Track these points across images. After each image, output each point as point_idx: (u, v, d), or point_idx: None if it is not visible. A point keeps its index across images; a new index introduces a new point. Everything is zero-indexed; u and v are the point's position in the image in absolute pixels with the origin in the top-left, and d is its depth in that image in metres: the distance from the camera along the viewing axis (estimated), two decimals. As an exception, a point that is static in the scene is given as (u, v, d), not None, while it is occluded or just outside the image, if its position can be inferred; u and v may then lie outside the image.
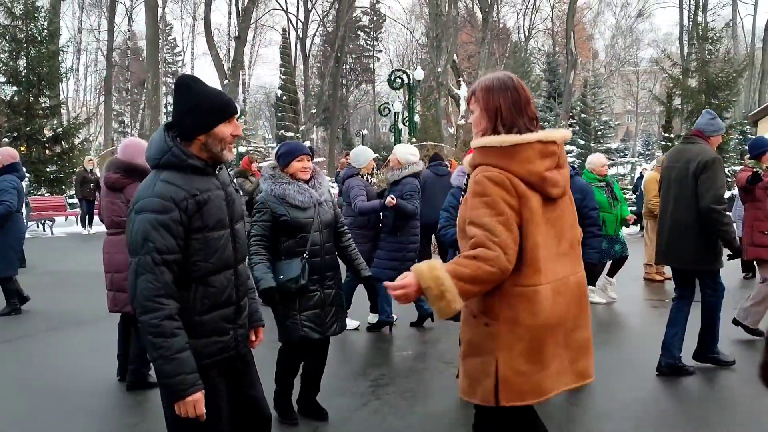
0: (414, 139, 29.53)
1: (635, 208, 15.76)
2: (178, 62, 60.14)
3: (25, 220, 10.80)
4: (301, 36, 49.51)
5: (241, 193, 9.52)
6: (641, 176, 17.43)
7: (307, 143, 27.44)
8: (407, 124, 31.67)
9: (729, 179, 17.92)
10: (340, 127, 54.00)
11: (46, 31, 24.21)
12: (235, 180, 11.48)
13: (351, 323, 7.18)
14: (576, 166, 10.95)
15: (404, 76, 31.79)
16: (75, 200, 18.58)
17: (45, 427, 4.70)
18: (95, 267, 11.67)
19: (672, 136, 26.41)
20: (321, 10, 49.78)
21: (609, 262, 8.66)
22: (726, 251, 5.55)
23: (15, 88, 23.38)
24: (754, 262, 6.75)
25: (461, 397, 2.81)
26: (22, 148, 22.37)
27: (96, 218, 18.77)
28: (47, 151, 23.51)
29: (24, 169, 8.68)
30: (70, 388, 5.49)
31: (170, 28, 56.50)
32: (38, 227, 18.47)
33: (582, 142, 23.54)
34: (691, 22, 37.45)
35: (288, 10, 49.16)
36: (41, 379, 5.76)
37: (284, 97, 30.06)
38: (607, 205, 8.30)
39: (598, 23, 58.06)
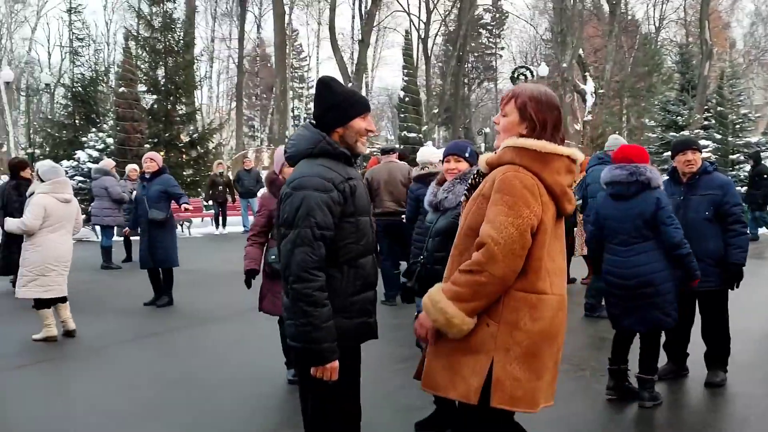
0: (538, 137, 29.02)
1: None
2: (304, 67, 61.70)
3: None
4: (422, 36, 49.66)
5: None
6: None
7: (429, 143, 27.58)
8: (531, 121, 31.18)
9: None
10: (462, 127, 53.74)
11: (182, 41, 25.45)
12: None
13: None
14: (713, 161, 10.42)
15: (528, 73, 31.34)
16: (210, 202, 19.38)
17: (192, 417, 4.97)
18: (230, 266, 12.25)
19: (819, 127, 24.67)
20: (443, 10, 49.73)
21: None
22: None
23: (155, 96, 24.73)
24: None
25: (428, 390, 2.85)
26: (162, 153, 23.63)
27: (229, 218, 19.57)
28: (184, 156, 24.71)
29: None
30: (214, 380, 5.77)
31: (296, 34, 58.02)
32: (177, 228, 19.37)
33: (719, 137, 22.38)
34: (839, 5, 34.83)
35: (410, 12, 49.48)
36: (185, 372, 6.08)
37: (406, 98, 30.23)
38: None
39: (735, 11, 54.93)
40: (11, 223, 7.14)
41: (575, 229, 9.90)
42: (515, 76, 31.83)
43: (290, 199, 2.79)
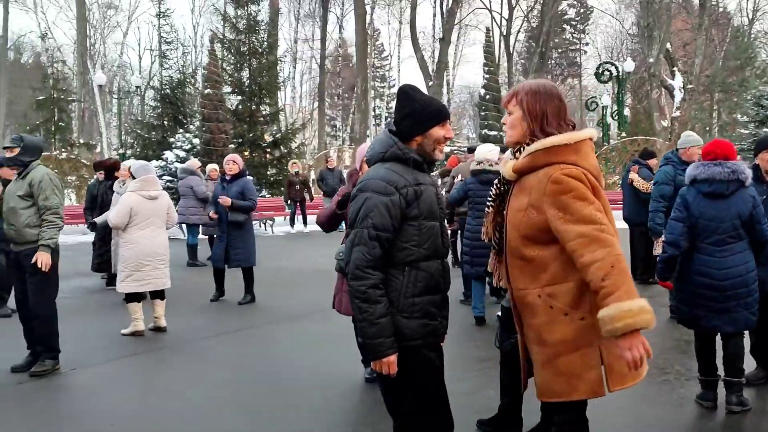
0: (624, 134, 28.38)
1: None
2: (385, 66, 61.99)
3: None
4: (504, 33, 49.20)
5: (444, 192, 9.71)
6: None
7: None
8: (616, 118, 30.50)
9: None
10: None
11: (265, 43, 25.97)
12: (440, 180, 11.71)
13: None
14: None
15: (613, 69, 30.63)
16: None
17: (272, 413, 5.07)
18: (309, 264, 12.45)
19: None
20: (525, 6, 49.13)
21: None
22: None
23: (239, 97, 25.32)
24: None
25: (553, 400, 2.82)
26: (246, 153, 24.17)
27: (310, 218, 19.83)
28: (267, 156, 25.19)
29: None
30: (294, 377, 5.87)
31: (378, 33, 58.32)
32: (260, 226, 19.79)
33: (817, 132, 21.28)
34: None
35: (492, 9, 49.08)
36: (266, 368, 6.20)
37: (487, 96, 30.04)
38: None
39: (836, -1, 52.23)
40: (108, 216, 7.51)
41: None
42: (600, 72, 31.18)
43: (355, 200, 2.94)
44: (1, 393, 5.54)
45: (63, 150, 27.59)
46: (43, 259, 5.72)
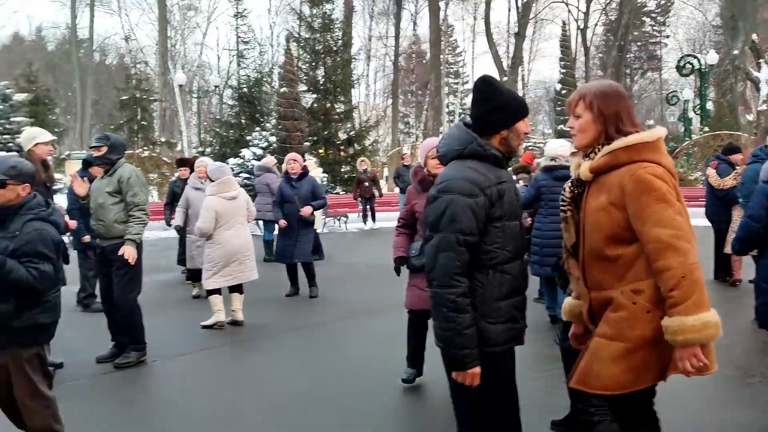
0: (707, 128, 27.49)
1: None
2: (459, 62, 61.64)
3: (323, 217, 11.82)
4: (581, 27, 48.27)
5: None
6: None
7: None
8: (698, 112, 29.58)
9: None
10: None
11: (340, 41, 26.18)
12: (515, 176, 11.60)
13: None
14: None
15: (695, 62, 29.72)
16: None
17: (344, 408, 5.10)
18: (381, 261, 12.44)
19: None
20: (603, -1, 48.10)
21: None
22: None
23: (314, 95, 25.60)
24: None
25: (618, 392, 2.74)
26: (321, 151, 24.43)
27: (388, 214, 19.88)
28: (341, 153, 25.41)
29: None
30: (365, 373, 5.91)
31: (452, 29, 57.99)
32: (334, 223, 19.98)
33: None
34: None
35: (568, 2, 48.21)
36: (338, 363, 6.25)
37: (563, 91, 29.60)
38: None
39: None
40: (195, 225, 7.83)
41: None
42: (681, 65, 30.29)
43: (436, 202, 2.78)
44: (87, 382, 5.76)
45: (145, 148, 28.41)
46: (129, 252, 5.92)
